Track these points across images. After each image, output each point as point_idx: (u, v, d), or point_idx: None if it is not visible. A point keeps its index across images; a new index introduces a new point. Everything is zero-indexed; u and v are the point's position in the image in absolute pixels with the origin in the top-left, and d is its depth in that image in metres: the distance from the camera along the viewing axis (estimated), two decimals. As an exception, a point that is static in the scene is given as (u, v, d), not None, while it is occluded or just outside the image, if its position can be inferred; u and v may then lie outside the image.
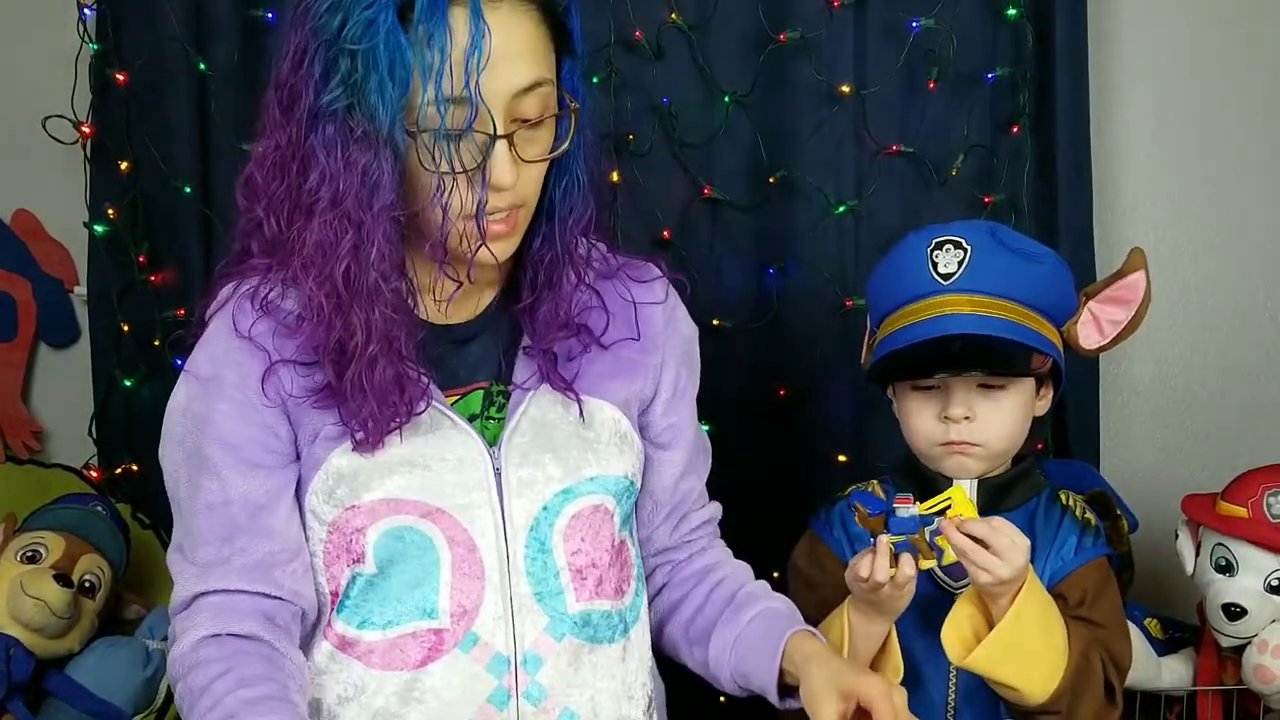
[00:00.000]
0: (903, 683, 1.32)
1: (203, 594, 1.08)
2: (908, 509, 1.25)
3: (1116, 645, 1.36)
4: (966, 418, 1.35)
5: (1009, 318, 1.35)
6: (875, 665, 1.33)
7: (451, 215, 1.01)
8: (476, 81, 0.96)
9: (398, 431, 1.06)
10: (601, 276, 1.17)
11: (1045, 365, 1.39)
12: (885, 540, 1.25)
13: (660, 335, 1.20)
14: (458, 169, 1.00)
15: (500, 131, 1.00)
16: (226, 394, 1.08)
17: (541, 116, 1.02)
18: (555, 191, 1.10)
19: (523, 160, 1.02)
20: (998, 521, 1.25)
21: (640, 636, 1.19)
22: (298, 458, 1.10)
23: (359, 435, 1.05)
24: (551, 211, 1.11)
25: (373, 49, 0.96)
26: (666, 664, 1.27)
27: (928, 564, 1.26)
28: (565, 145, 1.05)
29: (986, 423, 1.36)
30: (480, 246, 1.03)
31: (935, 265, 1.36)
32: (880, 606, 1.29)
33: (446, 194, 1.00)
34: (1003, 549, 1.23)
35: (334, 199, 1.00)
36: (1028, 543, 1.26)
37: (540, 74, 1.02)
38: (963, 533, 1.24)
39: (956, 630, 1.28)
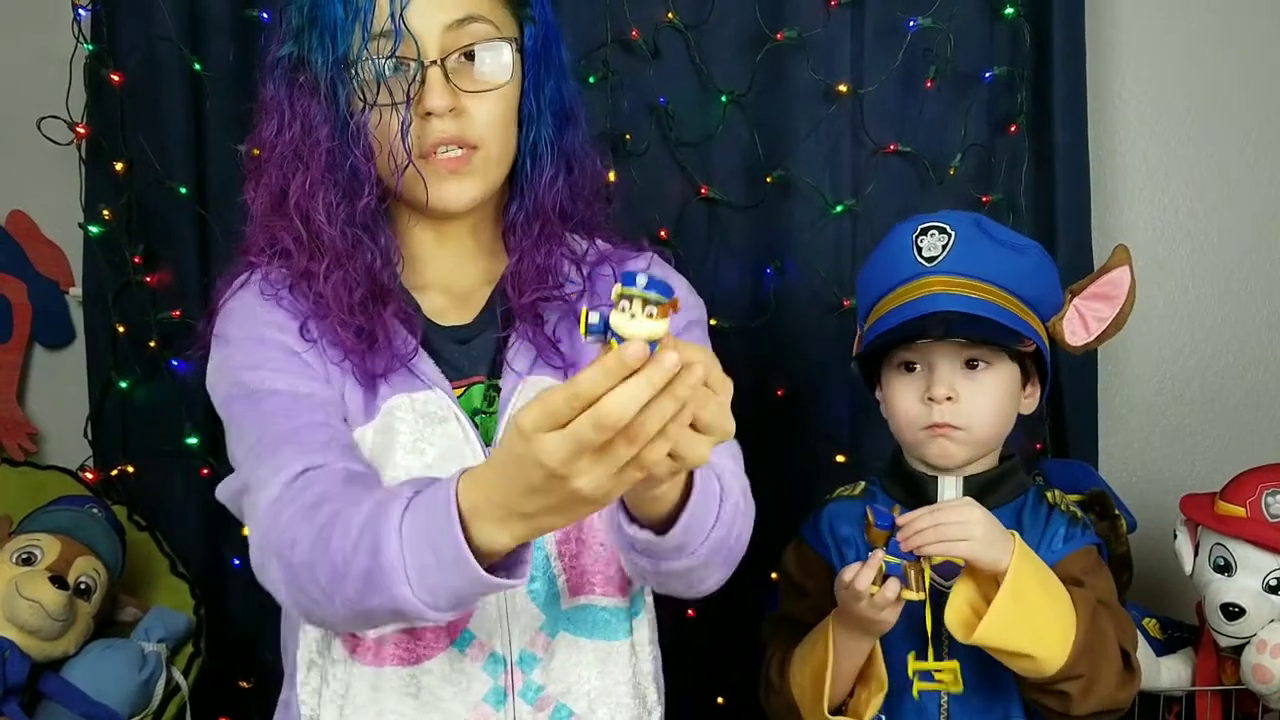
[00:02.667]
0: (894, 688, 1.33)
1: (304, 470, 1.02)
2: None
3: (1120, 621, 1.35)
4: (949, 398, 1.35)
5: (993, 300, 1.36)
6: (861, 677, 1.34)
7: (395, 149, 1.07)
8: (400, 12, 1.04)
9: (396, 390, 1.09)
10: (594, 265, 1.19)
11: (1029, 348, 1.39)
12: (879, 556, 1.27)
13: None
14: (387, 101, 1.06)
15: (428, 58, 1.05)
16: (267, 340, 1.09)
17: (474, 41, 1.07)
18: (525, 156, 1.14)
19: (462, 90, 1.07)
20: (927, 508, 1.28)
21: (644, 634, 1.18)
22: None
23: (355, 359, 1.08)
24: (523, 176, 1.15)
25: None
26: (666, 664, 1.26)
27: (910, 596, 1.28)
28: (507, 77, 1.09)
29: (969, 404, 1.36)
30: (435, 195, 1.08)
31: (920, 250, 1.37)
32: (862, 623, 1.30)
33: (390, 129, 1.06)
34: (956, 516, 1.26)
35: (286, 143, 1.08)
36: (969, 500, 1.29)
37: (474, 9, 1.08)
38: (911, 533, 1.26)
39: (957, 612, 1.28)
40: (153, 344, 1.86)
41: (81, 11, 1.83)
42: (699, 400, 0.79)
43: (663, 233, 1.84)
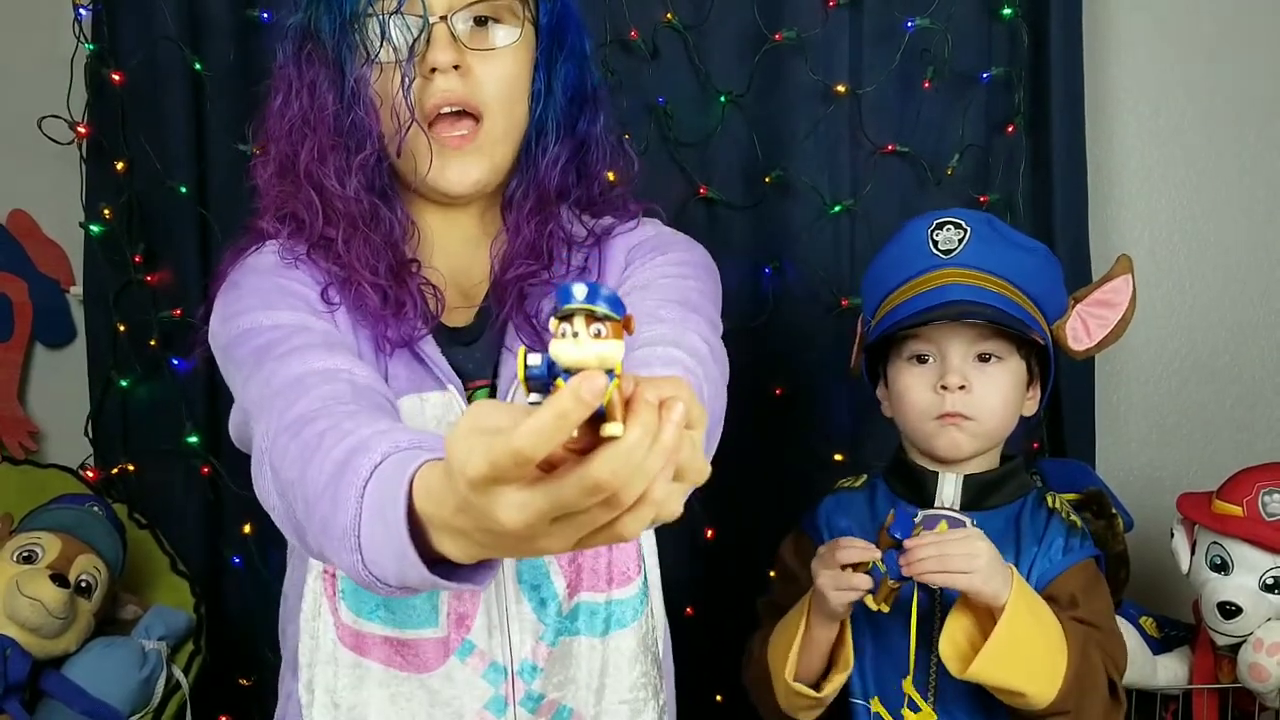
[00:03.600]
0: (890, 702, 1.36)
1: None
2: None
3: (1112, 645, 1.36)
4: (961, 387, 1.36)
5: (1005, 294, 1.37)
6: (833, 657, 1.36)
7: (398, 106, 1.05)
8: None
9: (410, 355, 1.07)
10: (589, 249, 1.17)
11: (1040, 342, 1.40)
12: (876, 554, 1.31)
13: (622, 260, 1.16)
14: (391, 58, 1.05)
15: (435, 14, 1.05)
16: (285, 289, 1.06)
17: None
18: (532, 133, 1.12)
19: (468, 48, 1.06)
20: (933, 535, 1.29)
21: (647, 623, 1.16)
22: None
23: (379, 326, 1.06)
24: (528, 154, 1.13)
25: None
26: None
27: (870, 604, 1.31)
28: (515, 38, 1.08)
29: (981, 395, 1.37)
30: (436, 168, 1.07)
31: (936, 243, 1.39)
32: (818, 594, 1.32)
33: (393, 85, 1.05)
34: (963, 549, 1.27)
35: (294, 112, 1.08)
36: (977, 531, 1.30)
37: None
38: (915, 559, 1.28)
39: (953, 644, 1.30)
40: (153, 343, 1.86)
41: (82, 11, 1.83)
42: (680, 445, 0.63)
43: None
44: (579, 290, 0.59)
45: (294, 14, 1.11)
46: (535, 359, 0.61)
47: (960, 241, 1.38)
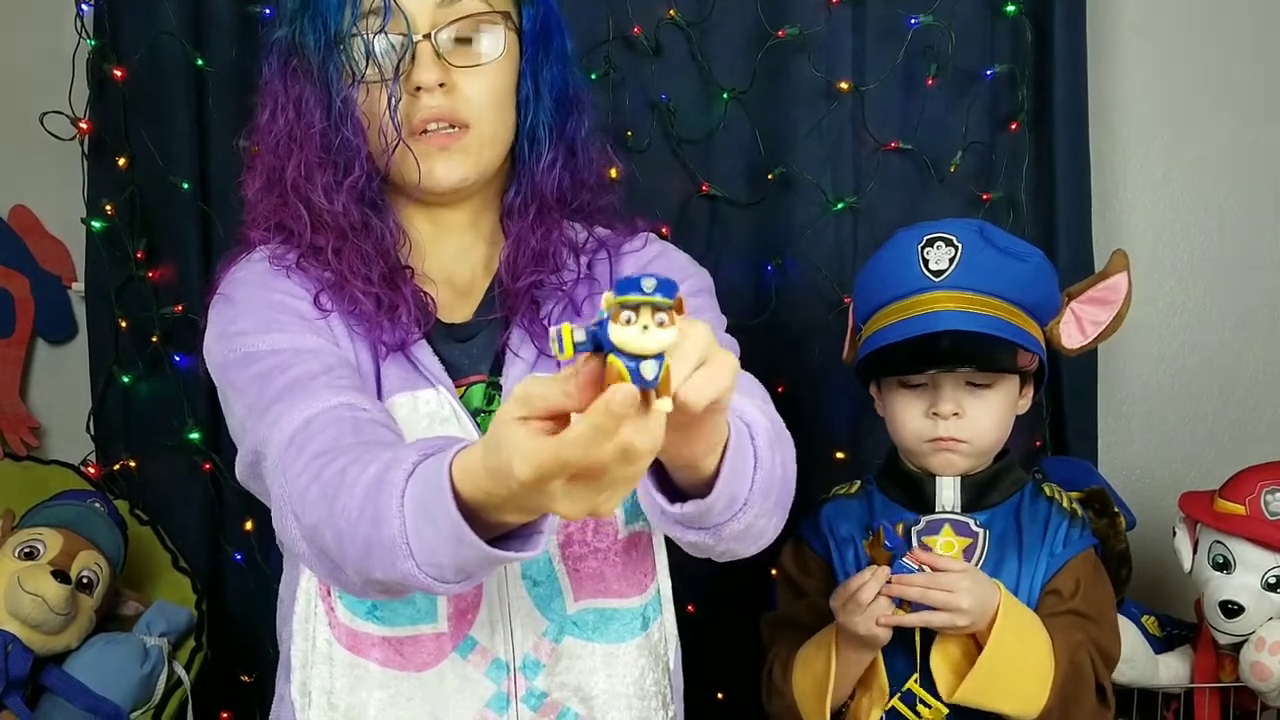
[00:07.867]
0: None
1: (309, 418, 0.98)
2: (913, 567, 1.32)
3: (1105, 639, 1.37)
4: (955, 414, 1.36)
5: (997, 315, 1.36)
6: (862, 683, 1.35)
7: (384, 126, 1.06)
8: None
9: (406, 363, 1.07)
10: (591, 253, 1.17)
11: (1032, 364, 1.40)
12: (885, 573, 1.32)
13: None
14: (377, 77, 1.06)
15: (419, 32, 1.05)
16: (276, 303, 1.07)
17: (464, 15, 1.06)
18: (523, 140, 1.13)
19: (453, 65, 1.06)
20: (922, 578, 1.30)
21: (660, 632, 1.16)
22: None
23: (374, 330, 1.07)
24: (521, 161, 1.14)
25: None
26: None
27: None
28: (498, 52, 1.08)
29: (974, 419, 1.37)
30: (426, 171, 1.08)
31: (926, 262, 1.38)
32: (858, 636, 1.32)
33: (380, 105, 1.05)
34: (941, 597, 1.29)
35: (280, 128, 1.08)
36: (963, 566, 1.31)
37: None
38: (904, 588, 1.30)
39: (947, 661, 1.32)
40: (155, 339, 1.86)
41: (85, 7, 1.83)
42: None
43: (664, 229, 1.85)
44: (648, 284, 0.66)
45: (279, 28, 1.11)
46: (581, 334, 0.68)
47: (951, 261, 1.37)
